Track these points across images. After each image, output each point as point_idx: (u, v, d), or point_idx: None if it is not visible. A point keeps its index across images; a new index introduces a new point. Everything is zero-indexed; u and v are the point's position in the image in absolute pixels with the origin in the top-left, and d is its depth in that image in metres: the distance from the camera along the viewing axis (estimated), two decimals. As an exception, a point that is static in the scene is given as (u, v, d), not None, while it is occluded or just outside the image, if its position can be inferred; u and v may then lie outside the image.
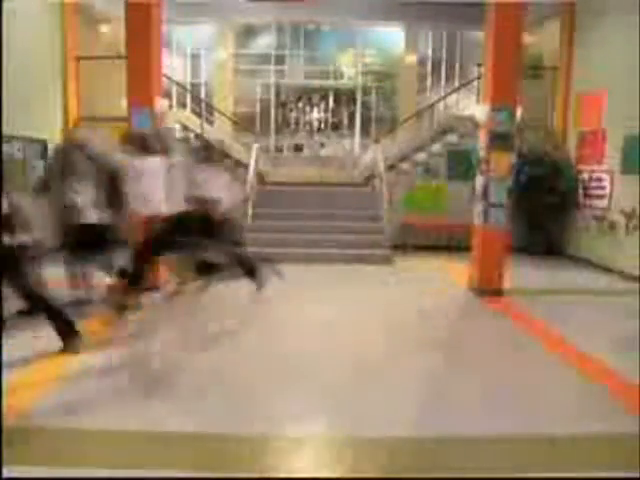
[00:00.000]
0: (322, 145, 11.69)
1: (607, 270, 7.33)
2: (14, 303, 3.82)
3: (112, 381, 3.50)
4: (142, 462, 2.56)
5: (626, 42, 7.02)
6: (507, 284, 6.04)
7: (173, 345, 4.23)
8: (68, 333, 3.92)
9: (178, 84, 10.41)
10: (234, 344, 4.27)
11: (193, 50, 11.40)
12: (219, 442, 2.76)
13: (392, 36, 11.47)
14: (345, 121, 11.74)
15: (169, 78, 9.47)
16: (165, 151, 5.01)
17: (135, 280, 4.83)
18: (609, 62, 7.53)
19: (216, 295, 5.33)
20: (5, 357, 3.41)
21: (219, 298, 5.40)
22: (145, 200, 4.74)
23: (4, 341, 3.48)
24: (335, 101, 11.72)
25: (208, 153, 5.68)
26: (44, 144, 7.84)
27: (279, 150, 11.64)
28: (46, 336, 4.24)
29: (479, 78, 8.83)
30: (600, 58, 7.78)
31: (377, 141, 9.18)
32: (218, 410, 3.11)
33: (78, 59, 8.56)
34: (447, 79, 11.62)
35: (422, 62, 11.44)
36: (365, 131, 11.55)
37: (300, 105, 11.81)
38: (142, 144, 4.91)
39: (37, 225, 3.84)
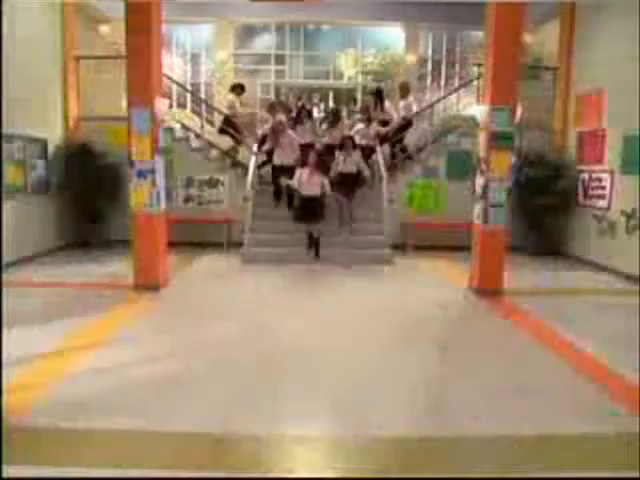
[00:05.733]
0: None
1: (607, 270, 7.33)
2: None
3: (112, 380, 3.50)
4: (142, 462, 2.56)
5: (626, 42, 7.02)
6: (507, 284, 6.04)
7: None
8: None
9: (178, 84, 10.40)
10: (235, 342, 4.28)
11: (193, 50, 11.39)
12: (219, 442, 2.76)
13: (392, 36, 11.46)
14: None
15: (169, 78, 9.46)
16: None
17: None
18: (609, 62, 7.53)
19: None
20: (5, 357, 3.41)
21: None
22: None
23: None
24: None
25: None
26: (44, 143, 7.84)
27: (279, 150, 11.61)
28: (46, 335, 4.24)
29: (479, 78, 8.83)
30: (600, 58, 7.78)
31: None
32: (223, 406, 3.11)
33: (78, 59, 8.56)
34: (447, 79, 11.61)
35: (422, 62, 11.43)
36: (365, 131, 11.54)
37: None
38: None
39: None
